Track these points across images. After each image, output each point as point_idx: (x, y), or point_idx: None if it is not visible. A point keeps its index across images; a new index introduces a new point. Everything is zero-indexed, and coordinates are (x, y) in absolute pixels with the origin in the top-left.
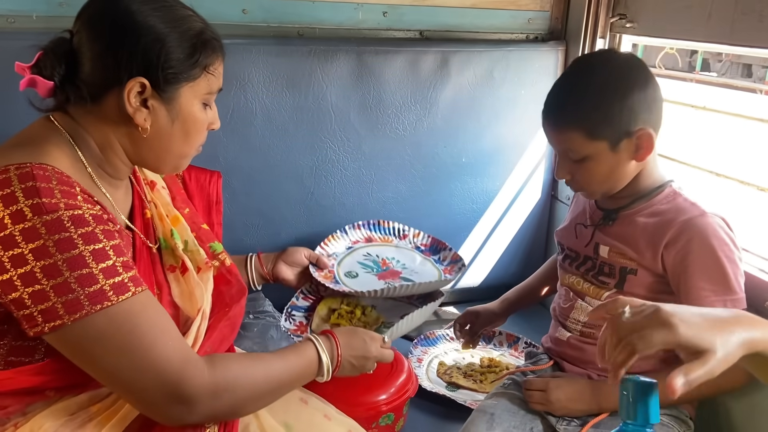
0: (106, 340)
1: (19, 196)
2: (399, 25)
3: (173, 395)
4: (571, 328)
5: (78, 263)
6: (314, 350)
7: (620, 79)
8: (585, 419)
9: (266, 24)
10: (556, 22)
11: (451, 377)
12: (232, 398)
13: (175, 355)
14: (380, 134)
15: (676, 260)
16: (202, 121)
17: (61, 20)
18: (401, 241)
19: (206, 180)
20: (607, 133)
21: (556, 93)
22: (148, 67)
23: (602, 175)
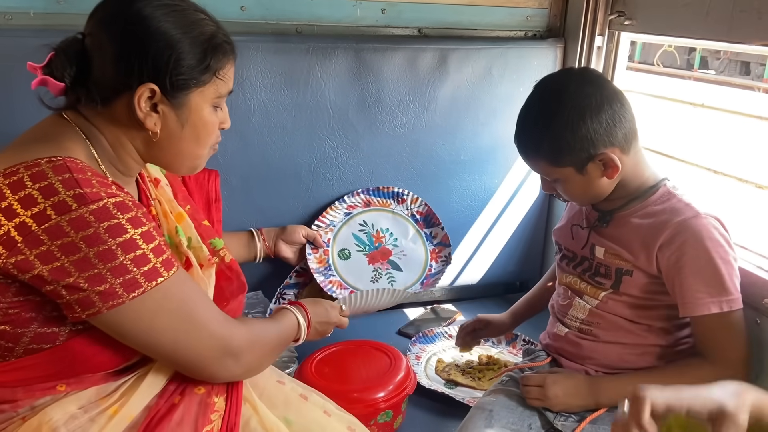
0: (163, 312)
1: (58, 188)
2: (397, 22)
3: (225, 350)
4: (569, 324)
5: (131, 246)
6: (294, 316)
7: (573, 110)
8: (583, 415)
9: (264, 21)
10: (554, 19)
11: (449, 375)
12: (260, 352)
13: (218, 316)
14: (378, 132)
15: (670, 262)
16: (212, 124)
17: (58, 17)
18: (399, 205)
19: (205, 178)
20: (570, 161)
21: (520, 124)
22: (159, 73)
23: (579, 192)
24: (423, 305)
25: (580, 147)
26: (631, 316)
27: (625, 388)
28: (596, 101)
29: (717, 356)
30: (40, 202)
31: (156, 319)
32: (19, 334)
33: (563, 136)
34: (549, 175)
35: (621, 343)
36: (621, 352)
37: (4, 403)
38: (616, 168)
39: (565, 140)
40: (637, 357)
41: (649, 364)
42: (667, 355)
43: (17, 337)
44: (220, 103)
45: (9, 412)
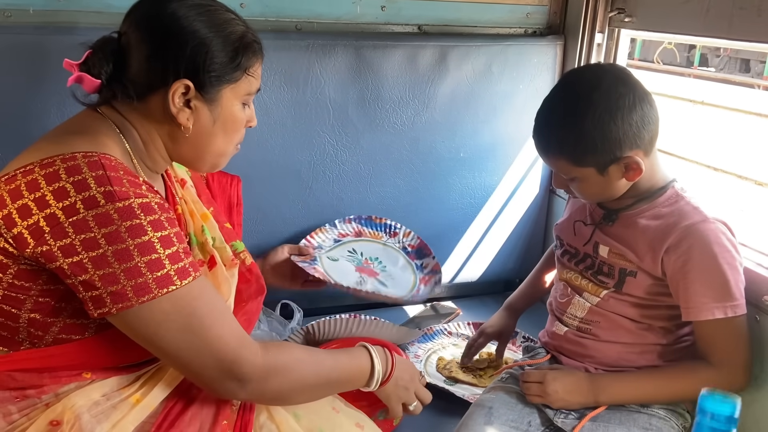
0: (170, 322)
1: (91, 183)
2: (397, 19)
3: (228, 373)
4: (568, 323)
5: (148, 249)
6: (368, 357)
7: (605, 111)
8: (582, 412)
9: (264, 18)
10: (554, 16)
11: (450, 372)
12: (279, 383)
13: (231, 336)
14: (378, 129)
15: (676, 265)
16: (240, 121)
17: (58, 14)
18: (391, 239)
19: (227, 183)
20: (593, 162)
21: (543, 119)
22: (193, 70)
23: (594, 192)
24: (422, 302)
25: (607, 149)
26: (633, 315)
27: (626, 387)
28: (629, 102)
29: (719, 360)
30: (72, 195)
31: (162, 327)
32: (48, 323)
33: (591, 137)
34: (567, 174)
35: (621, 342)
36: (621, 350)
37: (29, 388)
38: (639, 171)
39: (592, 141)
40: (637, 356)
41: (649, 362)
42: (667, 353)
43: (47, 326)
44: (249, 100)
45: (33, 398)
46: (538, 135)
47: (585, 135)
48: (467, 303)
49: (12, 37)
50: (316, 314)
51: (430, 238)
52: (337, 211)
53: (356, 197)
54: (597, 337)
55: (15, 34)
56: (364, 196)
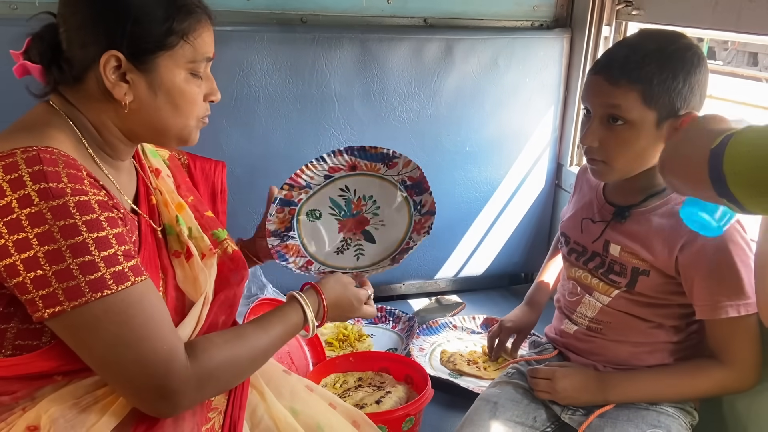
0: (100, 330)
1: (26, 181)
2: (403, 12)
3: (157, 390)
4: (578, 322)
5: (81, 250)
6: (300, 313)
7: (692, 55)
8: (590, 409)
9: (269, 11)
10: (561, 9)
11: (455, 365)
12: (216, 384)
13: (162, 349)
14: (384, 122)
15: (691, 262)
16: (190, 92)
17: None
18: (389, 170)
19: (211, 169)
20: (661, 105)
21: (620, 49)
22: (120, 39)
23: (635, 150)
24: (428, 296)
25: (681, 95)
26: (644, 315)
27: (636, 386)
28: (706, 66)
29: (731, 359)
30: (8, 194)
31: (92, 334)
32: (2, 330)
33: (678, 74)
34: (627, 113)
35: (631, 342)
36: (631, 350)
37: (3, 395)
38: None
39: (676, 79)
40: (647, 354)
41: (659, 361)
42: (676, 350)
43: (1, 333)
44: (197, 69)
45: (9, 404)
46: (613, 63)
47: (671, 70)
48: (472, 297)
49: (18, 29)
50: None
51: (436, 232)
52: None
53: None
54: (607, 337)
55: (21, 27)
56: None
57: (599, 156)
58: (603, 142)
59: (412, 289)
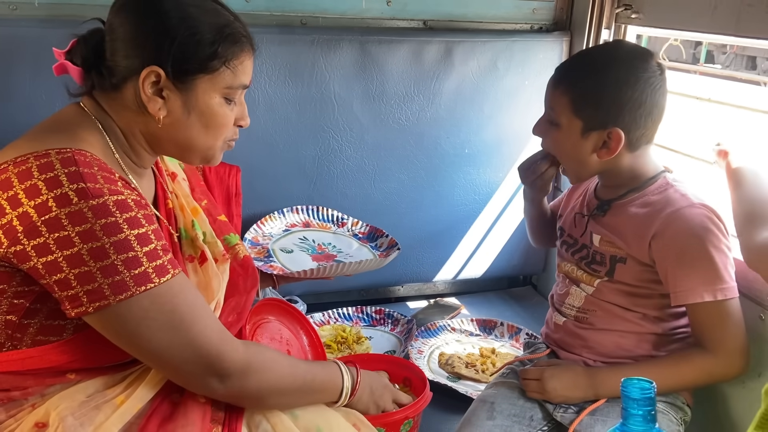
0: (150, 320)
1: (63, 180)
2: (403, 14)
3: (209, 369)
4: (566, 313)
5: (124, 246)
6: (338, 370)
7: (630, 77)
8: (582, 406)
9: (269, 12)
10: (560, 12)
11: (453, 368)
12: (258, 381)
13: (213, 332)
14: (383, 124)
15: (663, 251)
16: (222, 116)
17: (63, 7)
18: (339, 228)
19: (225, 173)
20: (585, 116)
21: (576, 55)
22: (165, 56)
23: (564, 150)
24: (426, 298)
25: (605, 111)
26: (626, 304)
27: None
28: (656, 86)
29: (715, 346)
30: (44, 193)
31: (142, 325)
32: (25, 325)
33: (605, 92)
34: (556, 116)
35: (617, 331)
36: (617, 340)
37: (14, 390)
38: (613, 151)
39: (602, 95)
40: (633, 345)
41: (646, 352)
42: (663, 343)
43: (23, 327)
44: (232, 95)
45: (19, 400)
46: (562, 67)
47: (601, 87)
48: (471, 299)
49: (17, 29)
50: (321, 309)
51: (434, 234)
52: (342, 206)
53: (360, 193)
54: (593, 326)
55: (20, 27)
56: (369, 191)
57: (542, 149)
58: (544, 135)
59: (410, 292)
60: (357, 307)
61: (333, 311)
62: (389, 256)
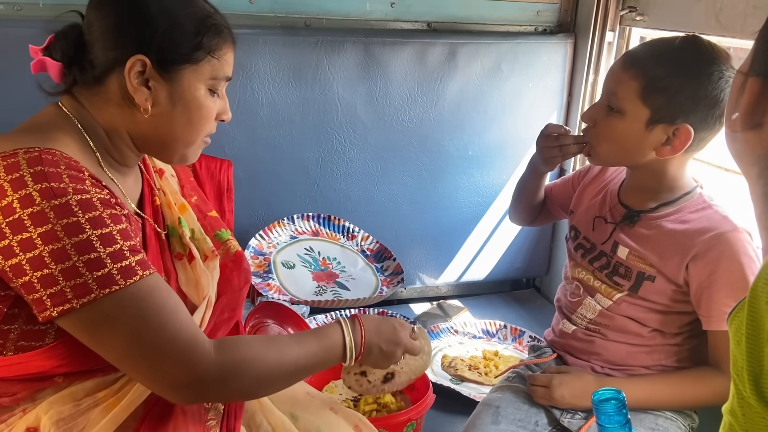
0: (114, 324)
1: (27, 181)
2: (406, 16)
3: (180, 378)
4: (577, 322)
5: (86, 248)
6: (339, 333)
7: (713, 75)
8: (589, 412)
9: (273, 14)
10: (565, 14)
11: (456, 370)
12: (239, 382)
13: (181, 339)
14: (387, 126)
15: (703, 274)
16: (207, 108)
17: (67, 7)
18: (348, 241)
19: (216, 168)
20: (655, 106)
21: (654, 43)
22: (149, 45)
23: (620, 141)
24: (429, 301)
25: (677, 106)
26: (644, 321)
27: (635, 392)
28: (727, 94)
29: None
30: (9, 194)
31: (104, 330)
32: (5, 330)
33: (681, 84)
34: (619, 101)
35: (629, 344)
36: (629, 350)
37: (3, 396)
38: (679, 148)
39: (677, 87)
40: (645, 355)
41: (656, 361)
42: (675, 353)
43: (5, 333)
44: (216, 87)
45: (11, 405)
46: (633, 50)
47: (679, 76)
48: (474, 302)
49: (22, 30)
50: (323, 311)
51: (437, 236)
52: (345, 208)
53: (364, 194)
54: (605, 337)
55: (25, 28)
56: (372, 193)
57: (589, 138)
58: (596, 123)
59: (413, 294)
60: (360, 310)
61: (336, 313)
62: (388, 289)
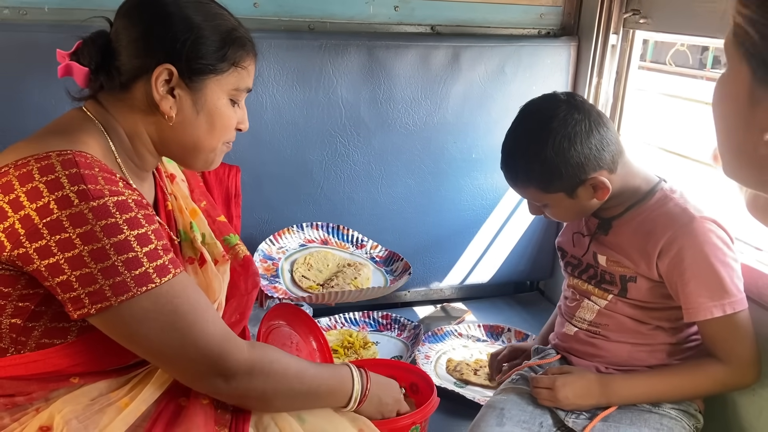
0: (151, 320)
1: (64, 182)
2: (410, 19)
3: (214, 368)
4: (578, 325)
5: (124, 247)
6: (348, 373)
7: (563, 137)
8: (594, 412)
9: (277, 18)
10: (568, 17)
11: (462, 374)
12: (264, 381)
13: (216, 332)
14: (390, 129)
15: (670, 268)
16: (228, 117)
17: (72, 12)
18: (357, 250)
19: (225, 173)
20: (560, 187)
21: (507, 151)
22: (177, 55)
23: (568, 214)
24: (433, 303)
25: (571, 173)
26: (640, 317)
27: (637, 387)
28: (585, 127)
29: (727, 357)
30: (45, 195)
31: (143, 325)
32: (30, 327)
33: (554, 164)
34: (538, 201)
35: (631, 343)
36: (631, 350)
37: (18, 395)
38: (606, 189)
39: (555, 167)
40: (647, 354)
41: (659, 361)
42: (677, 351)
43: (28, 330)
44: (238, 97)
45: (24, 404)
46: (505, 167)
47: (548, 162)
48: (477, 305)
49: (27, 34)
50: (327, 313)
51: (441, 239)
52: (349, 211)
53: (367, 197)
54: (607, 338)
55: (30, 32)
56: (375, 196)
57: (550, 219)
58: (543, 212)
59: (417, 297)
60: (364, 312)
61: (339, 316)
62: (397, 283)
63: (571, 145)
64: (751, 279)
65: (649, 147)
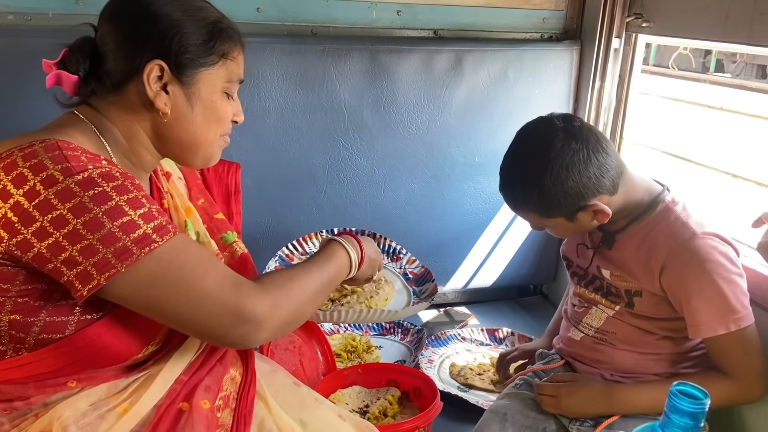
0: (160, 280)
1: (47, 164)
2: (413, 24)
3: (236, 316)
4: (584, 331)
5: (117, 213)
6: (344, 251)
7: (561, 168)
8: (598, 420)
9: (280, 22)
10: (570, 21)
11: (466, 379)
12: (290, 302)
13: (226, 279)
14: (393, 133)
15: (672, 285)
16: (223, 109)
17: (77, 18)
18: (392, 262)
19: (224, 171)
20: (560, 213)
21: (506, 177)
22: (166, 51)
23: (569, 234)
24: (436, 308)
25: (570, 202)
26: (648, 327)
27: (642, 398)
28: (583, 157)
29: (734, 372)
30: (30, 179)
31: (155, 287)
32: (29, 323)
33: (553, 194)
34: (539, 225)
35: (638, 351)
36: (638, 358)
37: (17, 400)
38: (606, 214)
39: (554, 197)
40: (653, 363)
41: (665, 368)
42: (683, 360)
43: (27, 326)
44: (231, 89)
45: (23, 409)
46: (504, 192)
47: (547, 192)
48: (481, 308)
49: (31, 40)
50: None
51: (444, 243)
52: (352, 215)
53: (370, 201)
54: (613, 346)
55: (34, 38)
56: (378, 200)
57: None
58: (545, 230)
59: None
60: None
61: None
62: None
63: (569, 175)
64: (756, 283)
65: (652, 150)
